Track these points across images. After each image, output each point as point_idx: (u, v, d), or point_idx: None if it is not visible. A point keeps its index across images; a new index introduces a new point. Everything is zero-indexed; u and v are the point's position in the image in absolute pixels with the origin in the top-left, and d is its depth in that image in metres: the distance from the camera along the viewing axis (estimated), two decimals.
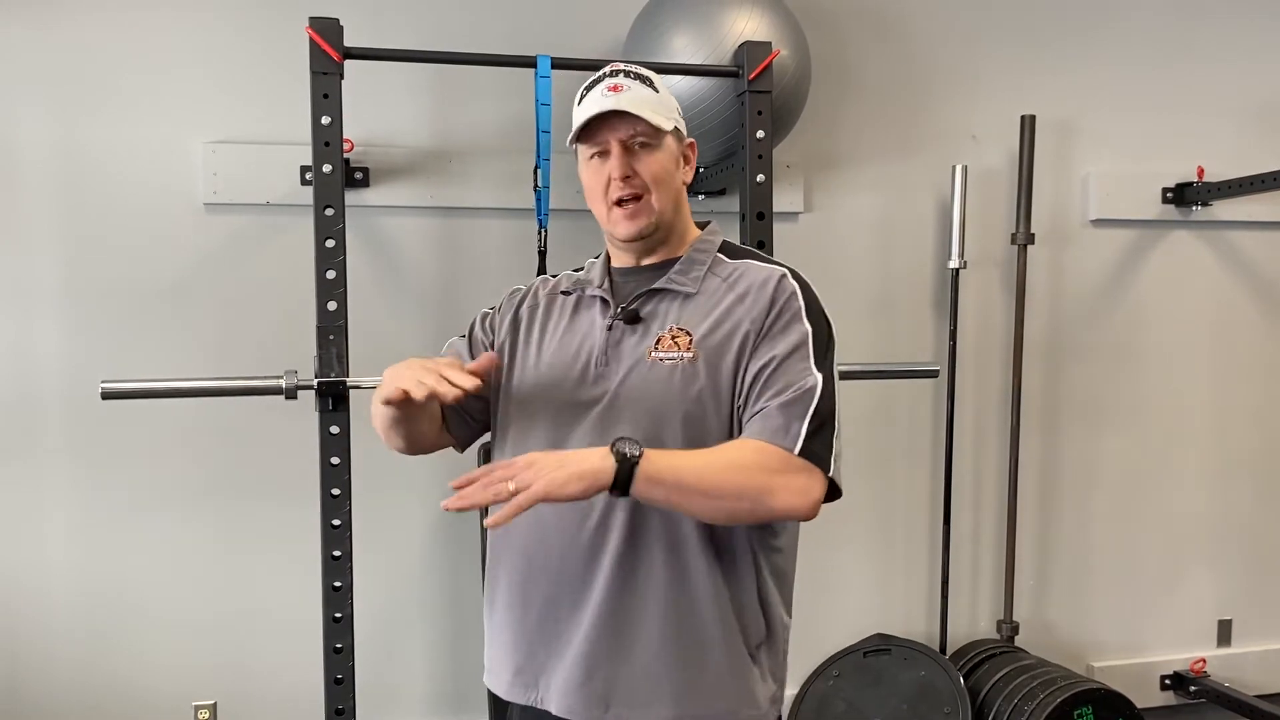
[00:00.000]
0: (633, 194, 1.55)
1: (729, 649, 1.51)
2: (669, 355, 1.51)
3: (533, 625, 1.56)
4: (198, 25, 2.81)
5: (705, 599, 1.49)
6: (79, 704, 2.84)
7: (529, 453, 1.37)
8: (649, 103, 1.55)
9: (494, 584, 1.64)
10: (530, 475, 1.32)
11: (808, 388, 1.45)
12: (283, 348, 2.73)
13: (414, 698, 3.06)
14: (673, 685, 1.49)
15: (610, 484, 1.34)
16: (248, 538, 2.91)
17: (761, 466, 1.41)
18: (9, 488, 2.78)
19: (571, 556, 1.51)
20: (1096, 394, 3.50)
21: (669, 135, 1.58)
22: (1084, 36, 3.41)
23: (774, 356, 1.48)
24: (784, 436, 1.43)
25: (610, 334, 1.57)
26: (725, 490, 1.39)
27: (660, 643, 1.48)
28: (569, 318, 1.64)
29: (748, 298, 1.54)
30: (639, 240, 1.58)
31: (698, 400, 1.49)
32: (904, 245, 3.32)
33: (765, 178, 2.65)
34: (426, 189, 2.93)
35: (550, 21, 3.00)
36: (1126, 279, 3.50)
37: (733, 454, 1.43)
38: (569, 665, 1.52)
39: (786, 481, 1.41)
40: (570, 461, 1.34)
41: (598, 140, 1.57)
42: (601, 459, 1.34)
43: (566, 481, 1.32)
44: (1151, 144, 3.48)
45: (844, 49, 3.24)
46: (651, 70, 1.65)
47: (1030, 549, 3.48)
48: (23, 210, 2.75)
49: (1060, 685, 3.00)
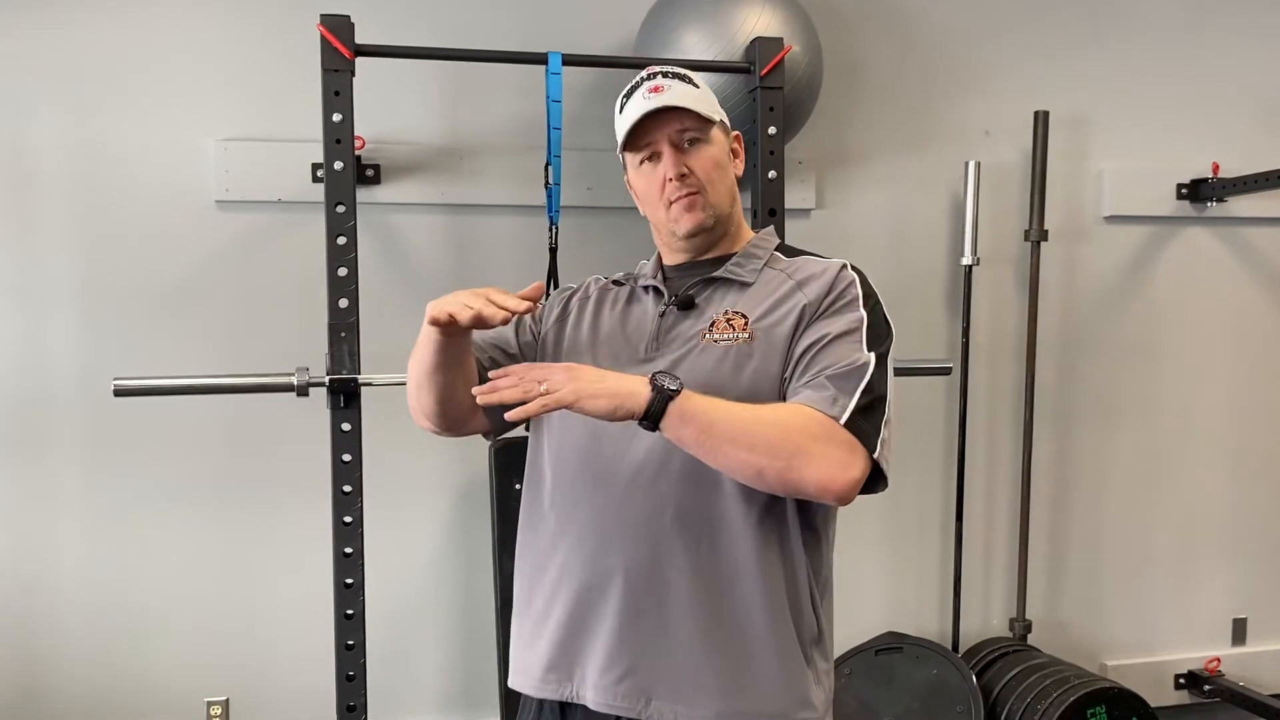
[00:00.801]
0: (690, 192, 1.54)
1: (781, 647, 1.45)
2: (723, 337, 1.48)
3: (568, 616, 1.50)
4: (209, 23, 2.82)
5: (753, 592, 1.44)
6: (93, 699, 2.85)
7: (571, 363, 1.36)
8: (692, 97, 1.55)
9: (531, 579, 1.59)
10: (563, 378, 1.30)
11: (860, 363, 1.40)
12: (294, 345, 2.74)
13: (425, 695, 3.06)
14: (718, 680, 1.43)
15: (642, 413, 1.31)
16: (260, 534, 2.92)
17: (802, 429, 1.34)
18: (22, 484, 2.79)
19: (614, 543, 1.46)
20: (1110, 391, 3.48)
21: (716, 128, 1.58)
22: (1098, 31, 3.39)
23: (826, 334, 1.44)
24: (831, 405, 1.37)
25: (663, 320, 1.55)
26: (757, 443, 1.33)
27: (703, 636, 1.43)
28: (621, 306, 1.63)
29: (807, 284, 1.51)
30: (700, 234, 1.56)
31: (751, 382, 1.45)
32: (917, 242, 3.31)
33: (777, 174, 2.64)
34: (437, 186, 2.93)
35: (561, 18, 2.99)
36: (1141, 276, 3.48)
37: (776, 411, 1.38)
38: (607, 657, 1.46)
39: (826, 451, 1.34)
40: (608, 377, 1.33)
41: (647, 142, 1.55)
42: (639, 384, 1.32)
43: (597, 395, 1.30)
44: (1166, 139, 3.46)
45: (856, 44, 3.22)
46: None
47: (1043, 547, 3.46)
48: (36, 208, 2.75)
49: (1074, 684, 2.98)
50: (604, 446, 1.48)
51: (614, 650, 1.46)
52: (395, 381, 2.44)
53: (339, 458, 2.42)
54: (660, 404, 1.30)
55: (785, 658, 1.45)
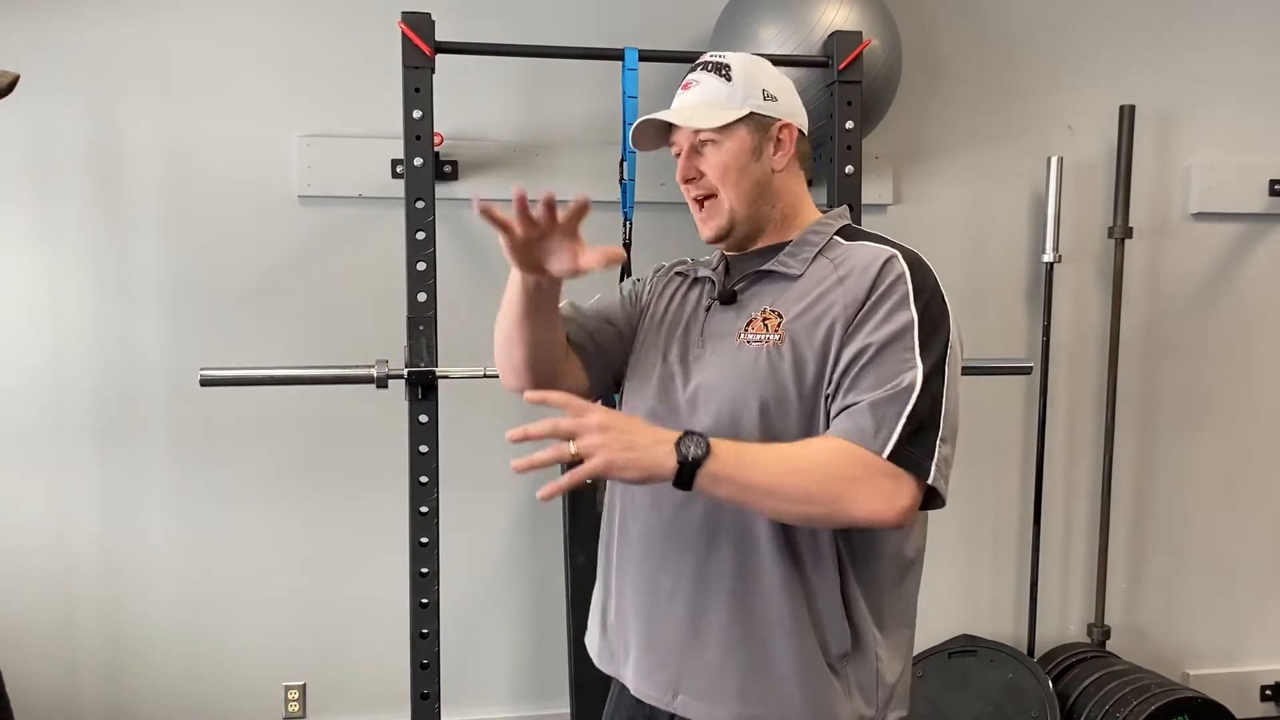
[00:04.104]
0: (703, 194, 1.53)
1: (801, 657, 1.42)
2: (756, 338, 1.45)
3: (617, 602, 1.57)
4: (292, 22, 2.88)
5: (774, 600, 1.42)
6: (175, 681, 2.94)
7: (602, 411, 1.30)
8: (709, 100, 1.51)
9: (603, 553, 1.64)
10: (596, 443, 1.26)
11: (905, 384, 1.33)
12: (373, 337, 2.79)
13: (497, 684, 3.10)
14: (738, 684, 1.44)
15: (672, 481, 1.29)
16: (338, 524, 2.98)
17: (840, 473, 1.31)
18: (112, 473, 2.88)
19: (654, 540, 1.51)
20: (1196, 393, 3.38)
21: (742, 125, 1.51)
22: (1186, 23, 3.30)
23: (870, 345, 1.37)
24: (872, 439, 1.32)
25: (708, 315, 1.54)
26: (794, 494, 1.31)
27: (726, 639, 1.45)
28: (681, 296, 1.62)
29: (848, 279, 1.43)
30: (719, 241, 1.55)
31: (778, 387, 1.41)
32: (996, 238, 3.25)
33: (854, 169, 2.61)
34: (513, 181, 2.95)
35: (638, 14, 3.00)
36: (1229, 274, 3.38)
37: (810, 455, 1.34)
38: (642, 649, 1.52)
39: (870, 489, 1.31)
40: (639, 445, 1.28)
41: (671, 141, 1.57)
42: (666, 455, 1.28)
43: (626, 466, 1.27)
44: (1258, 134, 3.35)
45: (935, 37, 3.18)
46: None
47: (1123, 551, 3.39)
48: (127, 205, 2.84)
49: (1154, 693, 2.91)
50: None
51: (650, 643, 1.51)
52: (472, 374, 2.47)
53: (416, 449, 2.45)
54: (688, 474, 1.28)
55: (806, 667, 1.43)
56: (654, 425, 1.34)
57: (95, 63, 2.79)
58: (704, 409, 1.46)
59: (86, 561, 2.88)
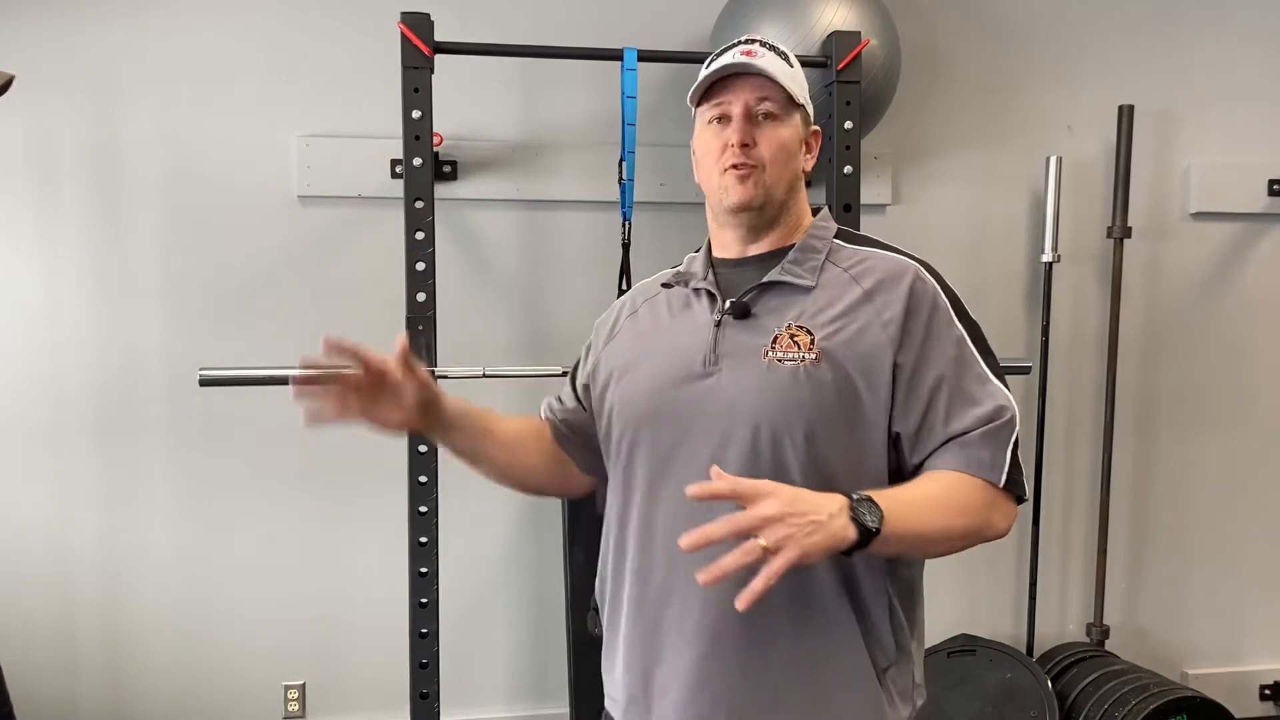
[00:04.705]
0: (748, 164, 1.42)
1: (854, 673, 1.40)
2: (788, 356, 1.37)
3: (646, 645, 1.45)
4: (291, 22, 2.88)
5: (831, 623, 1.38)
6: (175, 680, 2.95)
7: (764, 484, 1.21)
8: (784, 73, 1.44)
9: (612, 602, 1.53)
10: (783, 535, 1.17)
11: (1006, 419, 1.40)
12: (372, 338, 2.77)
13: (496, 683, 3.10)
14: (792, 707, 1.39)
15: (848, 550, 1.24)
16: (337, 524, 2.98)
17: (982, 509, 1.38)
18: (112, 472, 2.88)
19: (688, 574, 1.36)
20: (1195, 393, 3.39)
21: (798, 113, 1.47)
22: (1185, 22, 3.30)
23: (941, 376, 1.38)
24: (990, 470, 1.38)
25: (719, 330, 1.43)
26: (954, 535, 1.36)
27: (781, 665, 1.39)
28: (671, 315, 1.52)
29: (877, 296, 1.40)
30: (746, 211, 1.44)
31: (823, 411, 1.36)
32: (995, 238, 3.25)
33: (853, 169, 2.62)
34: (513, 182, 2.96)
35: (637, 14, 3.00)
36: (1229, 274, 3.38)
37: (954, 495, 1.37)
38: (684, 685, 1.41)
39: (999, 514, 1.40)
40: (821, 523, 1.20)
41: (724, 99, 1.45)
42: (844, 527, 1.21)
43: (816, 550, 1.19)
44: (1257, 134, 3.35)
45: (934, 37, 3.18)
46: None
47: (1122, 551, 3.39)
48: (127, 205, 2.84)
49: (1153, 692, 2.91)
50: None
51: (695, 678, 1.41)
52: (471, 374, 2.48)
53: (415, 449, 2.46)
54: (864, 541, 1.23)
55: (857, 682, 1.40)
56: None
57: (95, 62, 2.79)
58: (738, 434, 1.37)
59: (86, 561, 2.89)
